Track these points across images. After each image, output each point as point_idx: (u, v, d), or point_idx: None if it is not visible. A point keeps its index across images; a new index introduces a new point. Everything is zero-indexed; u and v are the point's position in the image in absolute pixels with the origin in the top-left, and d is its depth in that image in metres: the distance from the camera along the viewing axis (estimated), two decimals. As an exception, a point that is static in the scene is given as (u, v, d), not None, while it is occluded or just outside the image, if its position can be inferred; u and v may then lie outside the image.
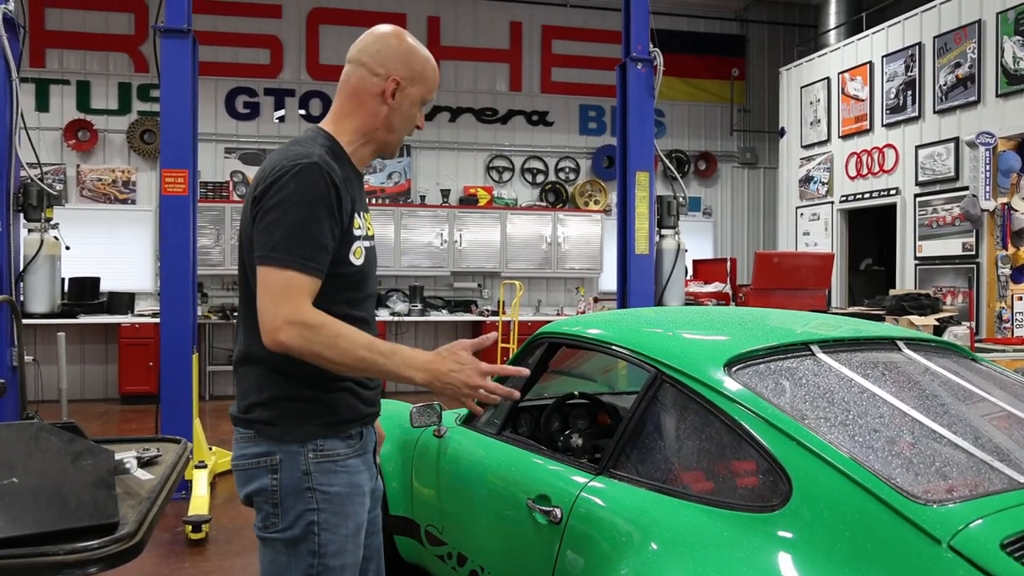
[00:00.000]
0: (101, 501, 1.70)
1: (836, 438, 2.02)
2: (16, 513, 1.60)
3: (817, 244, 11.00)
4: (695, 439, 2.35)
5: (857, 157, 10.32)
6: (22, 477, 1.65)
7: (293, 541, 1.97)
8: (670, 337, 2.74)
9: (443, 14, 11.82)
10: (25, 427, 1.74)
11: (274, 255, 1.88)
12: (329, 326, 1.88)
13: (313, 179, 1.90)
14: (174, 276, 5.69)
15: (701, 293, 9.08)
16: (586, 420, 3.47)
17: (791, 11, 13.12)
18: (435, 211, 11.25)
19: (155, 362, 8.60)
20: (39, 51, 10.49)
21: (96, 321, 9.88)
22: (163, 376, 5.66)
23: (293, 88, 11.39)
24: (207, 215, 10.21)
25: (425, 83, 2.11)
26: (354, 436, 2.06)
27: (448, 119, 11.89)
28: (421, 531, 3.36)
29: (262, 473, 1.99)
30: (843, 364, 2.37)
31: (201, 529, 4.91)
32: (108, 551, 1.60)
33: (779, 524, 1.95)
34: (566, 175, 12.28)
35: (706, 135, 12.89)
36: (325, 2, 11.37)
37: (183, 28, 5.64)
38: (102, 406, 9.78)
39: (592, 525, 2.35)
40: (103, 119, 10.80)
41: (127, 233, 10.69)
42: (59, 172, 10.47)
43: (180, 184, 5.67)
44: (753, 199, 13.17)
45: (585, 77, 12.22)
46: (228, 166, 11.12)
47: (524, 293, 10.86)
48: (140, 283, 10.67)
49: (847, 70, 10.50)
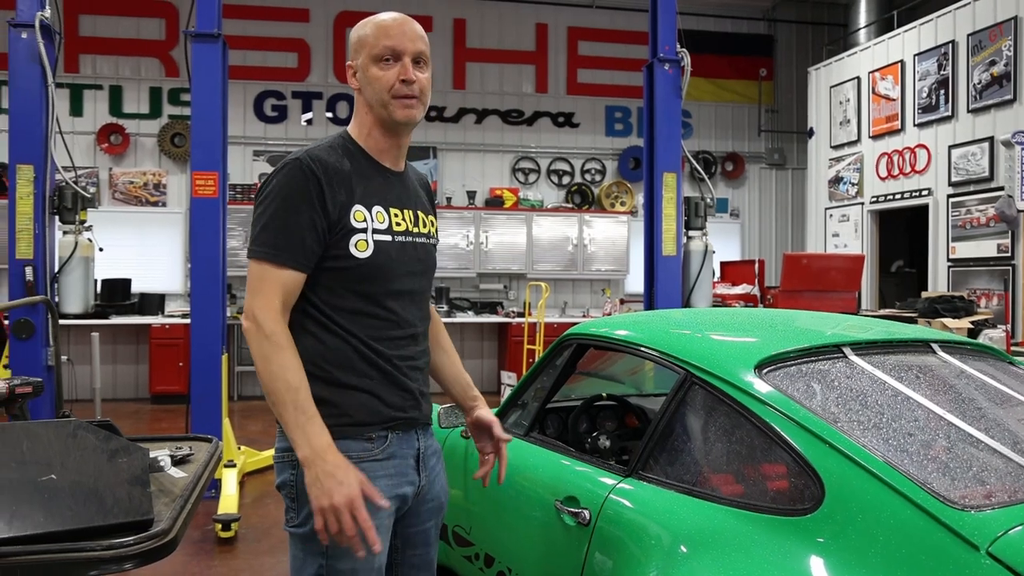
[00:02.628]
0: (136, 498, 1.72)
1: (870, 441, 2.00)
2: (54, 509, 1.63)
3: (847, 246, 10.89)
4: (725, 441, 2.33)
5: (888, 157, 10.21)
6: (60, 474, 1.68)
7: (305, 538, 1.99)
8: (699, 339, 2.72)
9: (469, 16, 11.84)
10: (63, 425, 1.77)
11: (252, 247, 1.97)
12: (275, 340, 1.90)
13: (293, 174, 1.97)
14: (204, 278, 5.74)
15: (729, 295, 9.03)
16: (614, 422, 3.46)
17: (820, 10, 13.00)
18: (461, 213, 11.28)
19: (185, 362, 8.68)
20: (73, 57, 10.63)
21: (127, 322, 10.01)
22: (193, 376, 5.71)
23: (320, 91, 11.46)
24: (236, 217, 10.29)
25: (365, 43, 2.05)
26: (374, 440, 2.04)
27: (474, 121, 11.91)
28: (448, 532, 3.36)
29: (286, 467, 2.03)
30: (876, 366, 2.34)
31: (231, 528, 4.96)
32: (143, 547, 1.63)
33: (811, 528, 1.93)
34: (592, 176, 12.25)
35: (733, 136, 12.81)
36: (352, 6, 11.42)
37: (213, 33, 5.70)
38: (133, 405, 9.90)
39: (621, 527, 2.34)
40: (135, 123, 10.94)
41: (157, 235, 10.81)
42: (92, 175, 10.61)
43: (210, 186, 5.72)
44: (781, 200, 13.06)
45: (611, 78, 12.19)
46: (256, 168, 11.22)
47: (550, 295, 10.85)
48: (170, 284, 10.79)
49: (878, 69, 10.39)
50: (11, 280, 5.48)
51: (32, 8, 5.41)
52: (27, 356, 5.37)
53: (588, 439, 3.19)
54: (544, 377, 3.12)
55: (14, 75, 5.45)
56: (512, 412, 3.23)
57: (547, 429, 3.36)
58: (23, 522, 1.59)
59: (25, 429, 1.73)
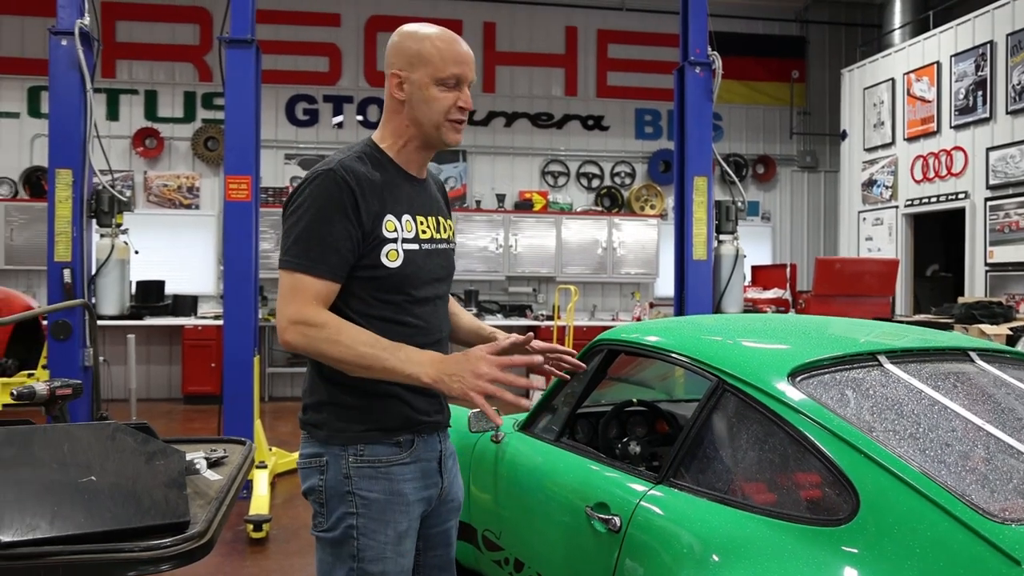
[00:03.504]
0: (173, 500, 1.75)
1: (906, 451, 1.97)
2: (94, 510, 1.66)
3: (880, 250, 10.77)
4: (758, 449, 2.32)
5: (923, 160, 10.09)
6: (100, 476, 1.71)
7: (335, 542, 2.02)
8: (731, 345, 2.71)
9: (499, 20, 11.87)
10: (102, 427, 1.80)
11: (285, 259, 1.97)
12: (331, 324, 1.91)
13: (327, 185, 1.95)
14: (237, 280, 5.79)
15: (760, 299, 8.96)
16: (644, 427, 3.45)
17: (853, 11, 12.88)
18: (490, 216, 11.30)
19: (217, 363, 8.78)
20: (110, 62, 10.79)
21: (161, 323, 10.14)
22: (226, 378, 5.76)
23: (351, 95, 11.54)
24: (267, 220, 10.36)
25: (429, 62, 2.03)
26: (402, 444, 2.06)
27: (503, 124, 11.93)
28: (478, 536, 3.37)
29: (313, 473, 2.05)
30: (912, 375, 2.31)
31: (262, 528, 5.00)
32: (179, 549, 1.65)
33: (845, 539, 1.91)
34: (622, 180, 12.22)
35: (765, 138, 12.72)
36: (383, 10, 11.50)
37: (247, 39, 5.75)
38: (166, 405, 10.02)
39: (652, 535, 2.34)
40: (169, 127, 11.08)
41: (191, 237, 10.94)
42: (128, 178, 10.77)
43: (243, 190, 5.78)
44: (813, 203, 12.95)
45: (641, 81, 12.15)
46: (288, 172, 11.31)
47: (579, 298, 10.82)
48: (203, 286, 10.91)
49: (913, 71, 10.27)
50: (50, 282, 5.56)
51: (72, 16, 5.49)
52: (65, 357, 5.45)
53: (618, 445, 3.18)
54: (574, 382, 3.12)
55: (54, 82, 5.53)
56: (542, 417, 3.23)
57: (577, 434, 3.36)
58: (64, 522, 1.62)
59: (66, 431, 1.76)
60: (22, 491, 1.64)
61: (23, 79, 10.69)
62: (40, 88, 10.48)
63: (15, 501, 1.62)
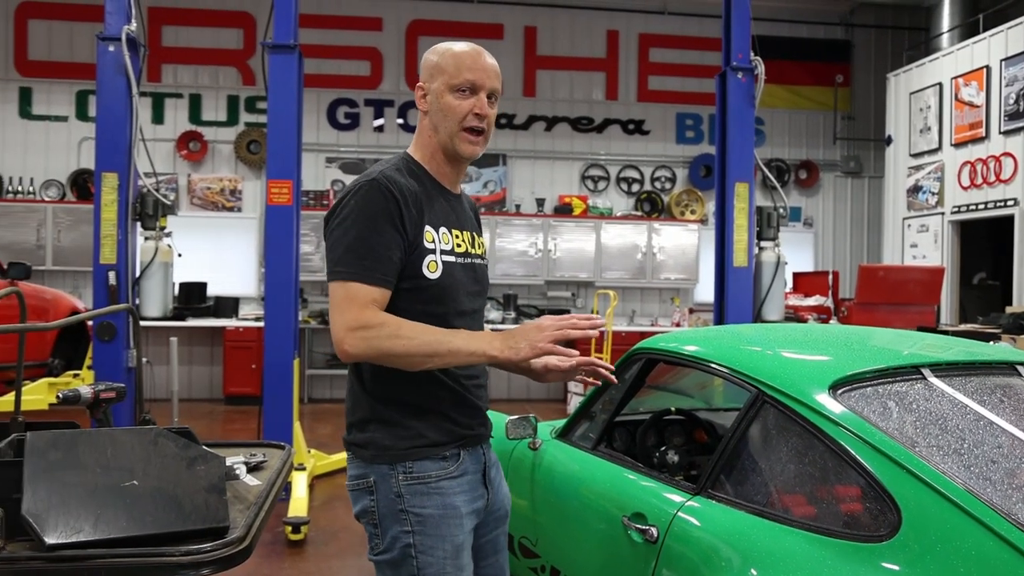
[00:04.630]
0: (213, 505, 1.77)
1: (950, 468, 1.94)
2: (136, 514, 1.68)
3: (926, 257, 10.59)
4: (797, 463, 2.29)
5: (971, 166, 9.90)
6: (142, 480, 1.73)
7: (393, 563, 2.01)
8: (771, 356, 2.68)
9: (540, 24, 11.87)
10: (145, 432, 1.82)
11: (337, 269, 1.96)
12: (389, 323, 1.92)
13: (372, 195, 1.97)
14: (278, 284, 5.85)
15: (801, 307, 8.87)
16: (682, 437, 3.42)
17: (900, 14, 12.68)
18: (530, 220, 11.30)
19: (258, 364, 8.87)
20: (155, 66, 10.98)
21: (203, 324, 10.27)
22: (266, 380, 5.82)
23: (392, 99, 11.62)
24: (308, 223, 10.47)
25: (444, 71, 2.07)
26: (449, 458, 2.06)
27: (544, 128, 11.93)
28: (515, 543, 3.37)
29: (363, 495, 2.05)
30: (957, 389, 2.27)
31: (300, 530, 5.04)
32: (220, 554, 1.67)
33: (886, 556, 1.88)
34: (662, 184, 12.16)
35: (807, 143, 12.58)
36: (424, 14, 11.57)
37: (290, 44, 5.81)
38: (207, 406, 10.15)
39: (689, 546, 2.32)
40: (212, 130, 11.24)
41: (232, 239, 11.08)
42: (171, 181, 10.95)
43: (285, 194, 5.84)
44: (857, 210, 12.77)
45: (682, 85, 12.09)
46: (329, 175, 11.42)
47: (618, 303, 10.78)
48: (244, 288, 11.04)
49: (961, 75, 10.09)
50: (95, 284, 5.67)
51: (119, 22, 5.59)
52: (109, 358, 5.56)
53: (656, 454, 3.16)
54: (613, 390, 3.11)
55: (101, 87, 5.64)
56: (580, 424, 3.22)
57: (615, 443, 3.34)
58: (107, 525, 1.65)
59: (110, 435, 1.79)
60: (67, 494, 1.67)
61: (72, 83, 10.92)
62: (88, 92, 10.69)
63: (60, 504, 1.65)
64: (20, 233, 10.28)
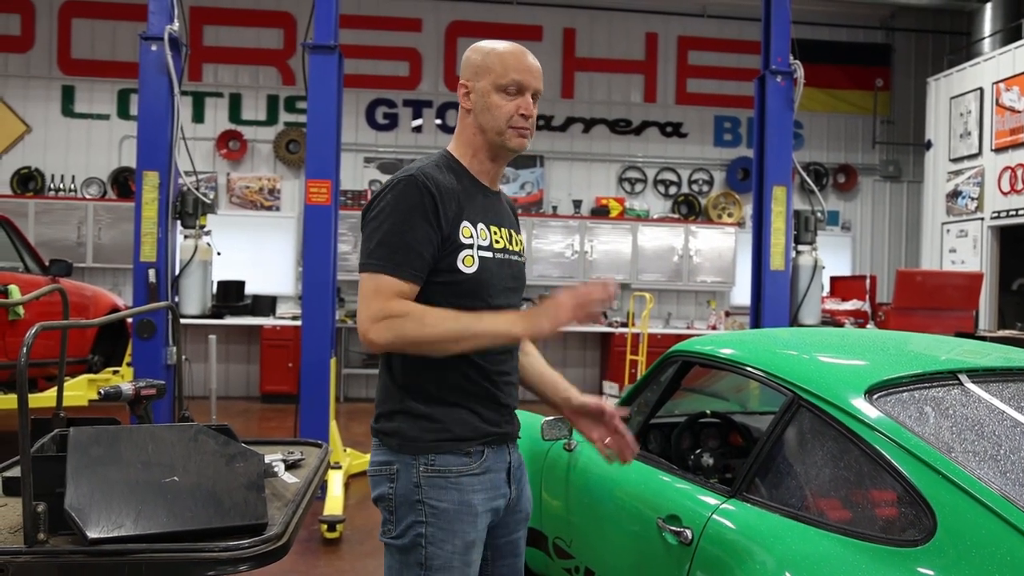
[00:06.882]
0: (252, 502, 1.80)
1: (986, 474, 1.92)
2: (176, 510, 1.72)
3: (964, 262, 10.42)
4: (833, 467, 2.28)
5: (1012, 171, 9.72)
6: (182, 476, 1.77)
7: (403, 549, 2.04)
8: (807, 360, 2.67)
9: (579, 25, 11.86)
10: (185, 429, 1.86)
11: (368, 262, 1.99)
12: (414, 311, 1.95)
13: (409, 190, 2.00)
14: (316, 283, 5.90)
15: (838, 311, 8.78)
16: (717, 439, 3.41)
17: (941, 19, 12.48)
18: (566, 221, 11.29)
19: (294, 363, 8.95)
20: (196, 66, 11.11)
21: (240, 322, 10.40)
22: (303, 379, 5.86)
23: (431, 99, 11.66)
24: (346, 222, 10.54)
25: (491, 71, 2.10)
26: (472, 454, 2.08)
27: (581, 130, 11.91)
28: (549, 543, 3.38)
29: (383, 481, 2.08)
30: (994, 395, 2.25)
31: (336, 529, 5.08)
32: (258, 551, 1.70)
33: (921, 560, 1.87)
34: (699, 187, 12.09)
35: (846, 147, 12.43)
36: (463, 15, 11.60)
37: (330, 44, 5.86)
38: (243, 404, 10.26)
39: (724, 549, 2.31)
40: (252, 130, 11.36)
41: (271, 238, 11.19)
42: (211, 180, 11.09)
43: (323, 194, 5.89)
44: (895, 214, 12.60)
45: (721, 88, 12.01)
46: (367, 175, 11.50)
47: (654, 305, 10.74)
48: (282, 287, 11.14)
49: (1003, 80, 9.91)
50: (135, 281, 5.75)
51: (162, 22, 5.67)
52: (149, 355, 5.64)
53: (691, 456, 3.15)
54: (648, 392, 3.11)
55: (144, 86, 5.72)
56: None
57: (650, 445, 3.34)
58: (148, 521, 1.69)
59: (151, 432, 1.82)
60: (109, 489, 1.70)
61: (114, 81, 11.09)
62: (130, 91, 10.84)
63: (102, 499, 1.69)
64: (61, 230, 10.44)
